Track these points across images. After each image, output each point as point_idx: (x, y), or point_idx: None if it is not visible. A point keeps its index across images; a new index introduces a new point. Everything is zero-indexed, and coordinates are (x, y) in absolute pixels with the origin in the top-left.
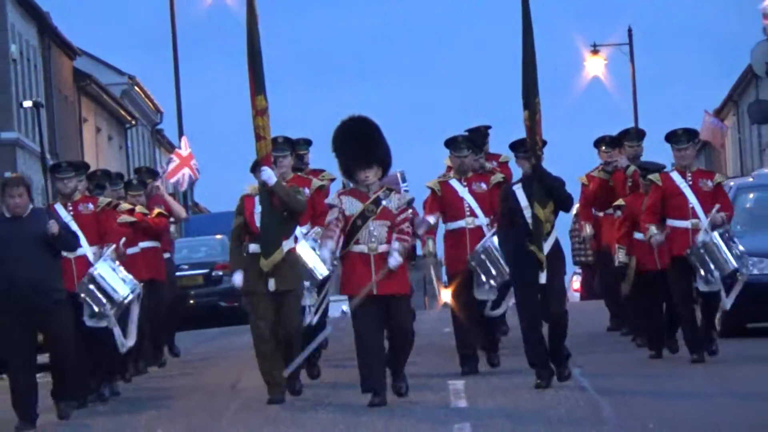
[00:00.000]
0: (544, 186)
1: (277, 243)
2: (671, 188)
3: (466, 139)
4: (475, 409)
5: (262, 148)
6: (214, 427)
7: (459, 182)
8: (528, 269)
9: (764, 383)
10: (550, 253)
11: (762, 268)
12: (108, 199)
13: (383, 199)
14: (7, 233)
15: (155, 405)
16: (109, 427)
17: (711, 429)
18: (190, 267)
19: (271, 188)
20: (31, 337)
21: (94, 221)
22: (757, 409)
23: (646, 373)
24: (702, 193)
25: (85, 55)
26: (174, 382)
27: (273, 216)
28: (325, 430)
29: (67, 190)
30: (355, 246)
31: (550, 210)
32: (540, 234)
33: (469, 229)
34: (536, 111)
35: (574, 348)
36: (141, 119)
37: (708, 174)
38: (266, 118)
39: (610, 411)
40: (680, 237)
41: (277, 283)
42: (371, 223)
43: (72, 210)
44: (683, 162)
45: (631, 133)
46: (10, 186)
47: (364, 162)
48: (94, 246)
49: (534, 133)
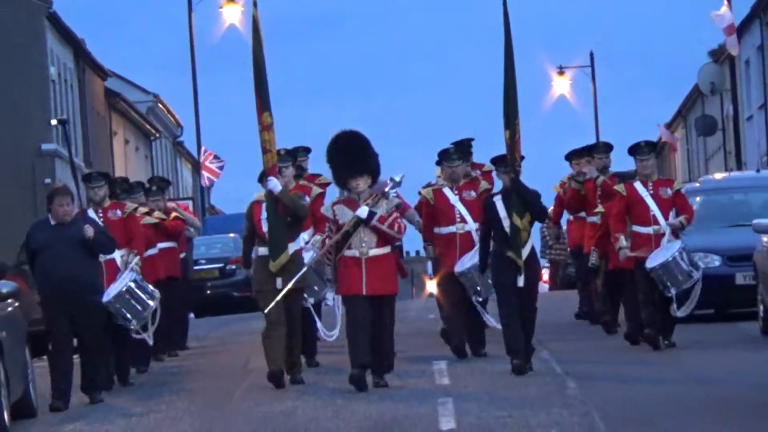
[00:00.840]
0: (522, 198)
1: (283, 246)
2: (634, 197)
3: (457, 150)
4: (456, 386)
5: (268, 160)
6: (228, 402)
7: (451, 191)
8: (507, 273)
9: (707, 366)
10: (527, 259)
11: (707, 262)
12: (134, 205)
13: (372, 207)
14: (52, 238)
15: (176, 383)
16: (136, 403)
17: (660, 402)
18: (207, 262)
19: (277, 196)
20: (69, 325)
21: (121, 226)
22: (697, 391)
23: (610, 358)
24: (662, 200)
25: (115, 76)
26: (192, 362)
27: (278, 221)
28: (328, 403)
29: (97, 198)
30: (347, 251)
31: (527, 220)
32: (518, 241)
33: (460, 234)
34: (516, 131)
35: (545, 333)
36: (164, 132)
37: (667, 182)
38: (271, 132)
39: (575, 388)
40: (644, 242)
41: (284, 281)
42: (362, 229)
43: (102, 216)
44: (645, 172)
45: (600, 147)
46: (60, 196)
47: (355, 171)
48: (121, 250)
49: (513, 151)
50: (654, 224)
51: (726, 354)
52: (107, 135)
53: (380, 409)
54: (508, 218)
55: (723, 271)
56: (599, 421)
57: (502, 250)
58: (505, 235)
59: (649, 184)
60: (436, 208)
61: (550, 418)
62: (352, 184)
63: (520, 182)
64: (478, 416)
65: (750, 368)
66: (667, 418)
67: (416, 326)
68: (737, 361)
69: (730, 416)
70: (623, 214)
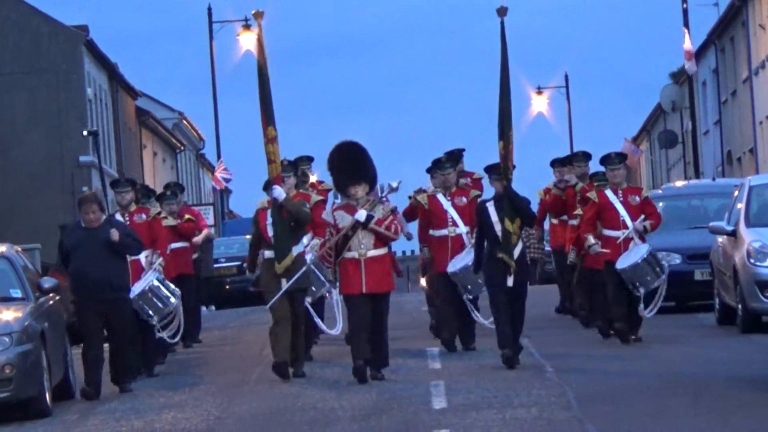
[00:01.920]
0: (513, 204)
1: (288, 249)
2: (605, 203)
3: (448, 159)
4: (447, 370)
5: (272, 170)
6: (245, 384)
7: (444, 197)
8: (498, 273)
9: (669, 353)
10: (517, 259)
11: (669, 260)
12: (158, 209)
13: (370, 212)
14: (82, 240)
15: (198, 368)
16: (161, 388)
17: (626, 382)
18: (227, 260)
19: (282, 203)
20: (98, 321)
21: (146, 229)
22: (659, 373)
23: (584, 348)
24: (631, 206)
25: (145, 96)
26: (212, 350)
27: (283, 226)
28: (332, 387)
29: (124, 202)
30: (347, 253)
31: (517, 225)
32: (509, 244)
33: (451, 236)
34: (509, 141)
35: (526, 325)
36: (188, 146)
37: (636, 190)
38: (275, 145)
39: (552, 372)
40: (613, 244)
41: (289, 281)
42: (360, 233)
43: (128, 220)
44: (615, 180)
45: (579, 156)
46: (87, 204)
47: (354, 179)
48: (146, 251)
49: (507, 160)
50: (623, 228)
51: (686, 342)
52: (138, 148)
53: (379, 391)
54: (500, 222)
55: (683, 268)
56: (573, 399)
57: (494, 252)
58: (497, 238)
59: (619, 191)
60: (430, 212)
61: (530, 398)
62: (351, 190)
63: (511, 189)
64: (466, 396)
65: (706, 353)
66: (631, 395)
67: (411, 316)
68: (695, 347)
69: (685, 393)
70: (594, 219)
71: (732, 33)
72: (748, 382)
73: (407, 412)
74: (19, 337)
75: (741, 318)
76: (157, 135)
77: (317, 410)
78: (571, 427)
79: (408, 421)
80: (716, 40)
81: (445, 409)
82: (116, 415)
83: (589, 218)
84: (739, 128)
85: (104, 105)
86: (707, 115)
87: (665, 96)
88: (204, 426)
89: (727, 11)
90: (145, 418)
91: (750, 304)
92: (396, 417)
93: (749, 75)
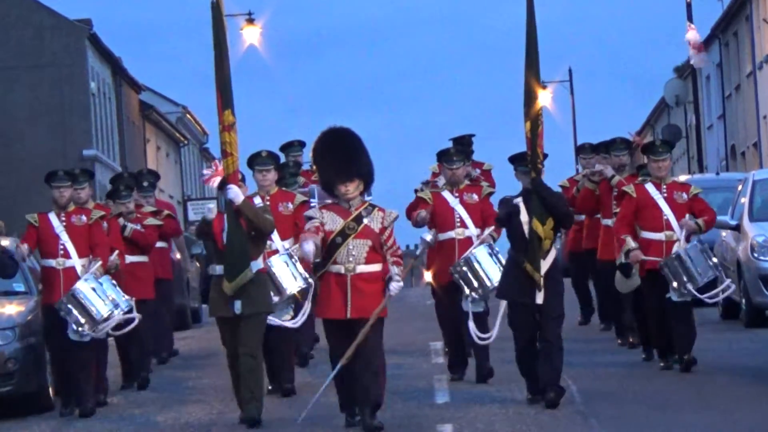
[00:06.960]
0: (543, 201)
1: (244, 264)
2: (646, 200)
3: (458, 152)
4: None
5: (229, 165)
6: None
7: (451, 193)
8: (523, 288)
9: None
10: (547, 272)
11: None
12: (101, 213)
13: (365, 217)
14: None
15: (201, 365)
16: (164, 381)
17: (628, 376)
18: None
19: (238, 207)
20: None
21: (85, 233)
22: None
23: (588, 341)
24: (676, 205)
25: (148, 90)
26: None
27: (239, 236)
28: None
29: (63, 201)
30: (332, 266)
31: (549, 227)
32: (537, 252)
33: (459, 239)
34: (539, 123)
35: None
36: (192, 140)
37: (683, 187)
38: (233, 133)
39: None
40: (654, 249)
41: (244, 305)
42: (351, 241)
43: (65, 221)
44: (659, 173)
45: (617, 143)
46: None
47: (344, 174)
48: (83, 258)
49: (535, 146)
50: (667, 229)
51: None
52: (141, 142)
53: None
54: (529, 224)
55: None
56: (576, 394)
57: (519, 261)
58: (525, 243)
59: (663, 186)
60: (434, 211)
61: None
62: (341, 189)
63: (542, 183)
64: (469, 391)
65: (709, 348)
66: (634, 389)
67: (415, 310)
68: (699, 342)
69: (689, 387)
70: (630, 218)
71: (736, 27)
72: (752, 377)
73: (410, 407)
74: (21, 331)
75: (745, 312)
76: (161, 129)
77: (319, 404)
78: (574, 422)
79: (411, 416)
80: (720, 35)
81: (448, 403)
82: (119, 409)
83: (624, 216)
84: (743, 122)
85: (108, 99)
86: (711, 109)
87: (669, 90)
88: (207, 420)
89: (731, 5)
90: (147, 411)
91: (754, 299)
92: (399, 411)
93: (753, 69)
